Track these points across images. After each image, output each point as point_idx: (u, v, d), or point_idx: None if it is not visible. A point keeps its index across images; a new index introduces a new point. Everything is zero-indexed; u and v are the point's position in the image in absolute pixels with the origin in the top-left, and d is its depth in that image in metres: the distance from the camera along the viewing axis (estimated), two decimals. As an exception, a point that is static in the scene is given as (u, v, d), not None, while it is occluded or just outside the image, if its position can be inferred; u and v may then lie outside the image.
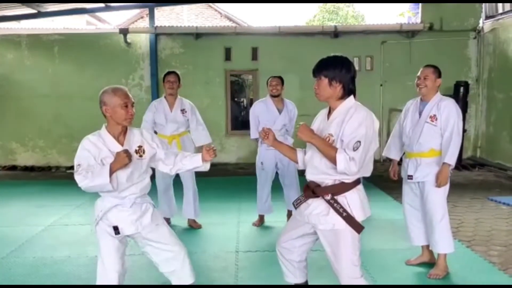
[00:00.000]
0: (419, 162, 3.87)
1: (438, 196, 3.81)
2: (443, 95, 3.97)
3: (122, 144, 2.88)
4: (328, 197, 2.66)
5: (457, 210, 6.02)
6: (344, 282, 2.71)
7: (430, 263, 4.01)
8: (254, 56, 10.32)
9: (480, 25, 10.07)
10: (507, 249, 4.55)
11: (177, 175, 5.32)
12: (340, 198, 2.66)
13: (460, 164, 8.97)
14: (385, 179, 6.56)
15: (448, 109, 3.77)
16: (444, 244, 3.83)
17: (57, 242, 4.95)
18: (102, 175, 2.71)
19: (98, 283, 2.93)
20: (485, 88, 10.02)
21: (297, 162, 2.96)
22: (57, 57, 10.28)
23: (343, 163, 2.53)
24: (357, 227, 2.65)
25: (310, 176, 2.79)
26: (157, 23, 10.74)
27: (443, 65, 4.37)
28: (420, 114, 3.91)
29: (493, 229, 5.20)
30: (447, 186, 3.84)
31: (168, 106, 5.25)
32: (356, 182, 2.71)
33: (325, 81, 2.68)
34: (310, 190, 2.74)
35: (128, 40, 10.23)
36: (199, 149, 5.35)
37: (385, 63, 10.23)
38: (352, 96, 2.72)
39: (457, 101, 4.08)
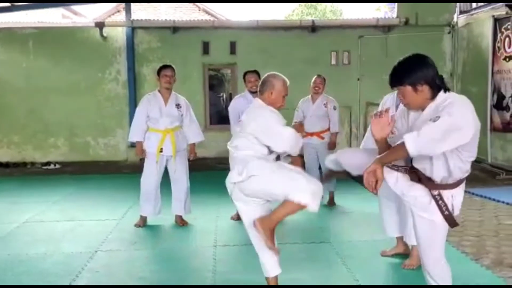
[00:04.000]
0: (395, 155, 3.92)
1: (412, 188, 3.87)
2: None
3: None
4: (436, 192, 2.55)
5: (432, 202, 6.13)
6: (427, 265, 2.71)
7: (405, 254, 4.09)
8: (233, 50, 10.30)
9: (455, 20, 10.24)
10: (479, 239, 4.66)
11: (166, 172, 5.31)
12: (446, 193, 2.55)
13: (436, 156, 9.13)
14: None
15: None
16: (417, 235, 3.91)
17: (32, 239, 4.87)
18: None
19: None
20: (459, 82, 10.21)
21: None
22: (32, 52, 10.09)
23: (411, 143, 2.33)
24: (453, 223, 2.60)
25: (416, 167, 2.62)
26: (134, 16, 10.62)
27: (417, 59, 4.42)
28: (397, 107, 3.97)
29: (466, 220, 5.32)
30: (421, 179, 3.91)
31: (163, 100, 5.18)
32: (463, 179, 2.61)
33: (408, 89, 2.47)
34: (417, 177, 2.59)
35: (104, 34, 10.10)
36: (191, 146, 5.36)
37: (362, 57, 10.33)
38: (442, 92, 2.50)
39: (431, 95, 4.15)
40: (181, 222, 5.33)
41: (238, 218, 5.53)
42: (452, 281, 2.75)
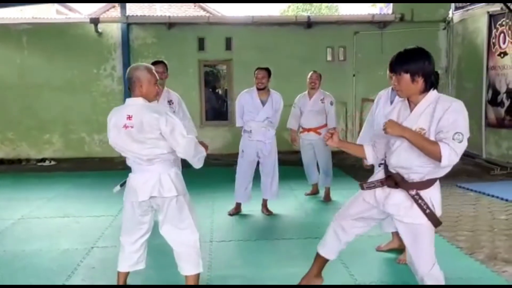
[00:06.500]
0: (390, 151, 3.94)
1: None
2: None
3: None
4: (413, 192, 2.65)
5: (427, 197, 6.16)
6: (420, 270, 2.76)
7: (400, 249, 4.10)
8: (228, 46, 10.29)
9: (450, 16, 10.27)
10: (473, 234, 4.69)
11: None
12: (424, 194, 2.66)
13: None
14: (358, 168, 6.66)
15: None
16: (412, 230, 3.93)
17: (28, 236, 4.87)
18: None
19: None
20: (454, 78, 10.24)
21: (365, 159, 2.94)
22: (26, 48, 10.03)
23: (447, 157, 2.42)
24: (436, 222, 2.69)
25: (394, 170, 2.72)
26: (129, 12, 10.58)
27: (412, 55, 4.43)
28: (391, 103, 3.98)
29: (461, 215, 5.35)
30: (416, 174, 3.93)
31: None
32: (437, 178, 2.70)
33: (406, 76, 2.55)
34: (393, 181, 2.71)
35: (99, 30, 10.06)
36: None
37: (358, 53, 10.34)
38: (435, 90, 2.61)
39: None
40: None
41: (236, 212, 5.55)
42: (444, 279, 2.79)
